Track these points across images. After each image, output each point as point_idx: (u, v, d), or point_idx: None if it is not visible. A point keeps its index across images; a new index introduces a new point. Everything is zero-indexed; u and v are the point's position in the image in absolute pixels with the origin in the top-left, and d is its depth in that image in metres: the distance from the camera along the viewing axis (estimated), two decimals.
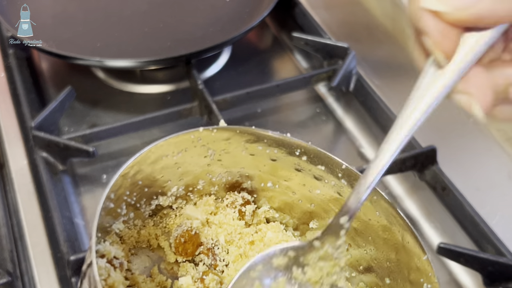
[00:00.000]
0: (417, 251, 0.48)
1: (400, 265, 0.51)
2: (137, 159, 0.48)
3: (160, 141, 0.50)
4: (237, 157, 0.56)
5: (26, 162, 0.75)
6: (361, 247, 0.55)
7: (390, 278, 0.52)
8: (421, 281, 0.47)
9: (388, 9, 1.04)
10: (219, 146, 0.54)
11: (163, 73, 0.90)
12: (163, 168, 0.53)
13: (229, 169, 0.57)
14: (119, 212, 0.52)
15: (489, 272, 0.62)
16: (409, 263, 0.49)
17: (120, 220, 0.52)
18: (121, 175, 0.47)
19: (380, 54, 0.94)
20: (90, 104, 0.87)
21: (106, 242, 0.50)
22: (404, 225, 0.49)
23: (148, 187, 0.53)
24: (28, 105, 0.81)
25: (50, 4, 0.93)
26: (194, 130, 0.51)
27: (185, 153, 0.53)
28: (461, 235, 0.69)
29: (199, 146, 0.53)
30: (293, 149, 0.54)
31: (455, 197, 0.69)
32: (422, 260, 0.47)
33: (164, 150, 0.51)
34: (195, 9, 0.93)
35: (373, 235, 0.53)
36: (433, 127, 0.82)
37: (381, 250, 0.53)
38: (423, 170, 0.73)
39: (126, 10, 0.93)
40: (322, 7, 1.01)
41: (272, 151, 0.54)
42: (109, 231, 0.52)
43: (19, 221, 0.69)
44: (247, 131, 0.53)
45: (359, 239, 0.55)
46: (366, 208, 0.51)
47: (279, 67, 0.95)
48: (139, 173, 0.50)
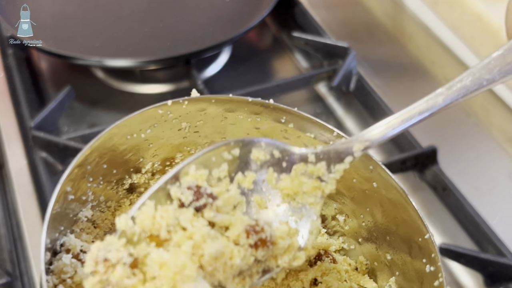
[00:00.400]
0: (419, 228, 0.44)
1: (401, 241, 0.47)
2: (94, 145, 0.45)
3: (121, 121, 0.47)
4: (217, 127, 0.51)
5: (25, 162, 0.75)
6: (359, 218, 0.51)
7: (391, 254, 0.49)
8: (424, 261, 0.44)
9: (388, 8, 1.04)
10: (194, 118, 0.49)
11: (163, 73, 0.90)
12: (132, 147, 0.49)
13: (210, 140, 0.53)
14: (85, 199, 0.48)
15: (490, 273, 0.62)
16: (410, 240, 0.46)
17: (88, 206, 0.49)
18: (76, 165, 0.44)
19: (381, 54, 0.94)
20: (89, 104, 0.87)
21: (71, 235, 0.46)
22: (405, 197, 0.45)
23: (116, 168, 0.49)
24: (28, 105, 0.81)
25: (50, 4, 0.93)
26: (162, 104, 0.47)
27: (155, 129, 0.49)
28: (462, 235, 0.69)
29: (170, 120, 0.49)
30: (278, 116, 0.49)
31: (455, 197, 0.69)
32: (424, 238, 0.44)
33: (128, 129, 0.48)
34: (195, 9, 0.93)
35: (371, 206, 0.49)
36: (434, 127, 0.82)
37: (381, 223, 0.49)
38: (424, 170, 0.73)
39: (126, 10, 0.92)
40: (322, 7, 1.01)
41: (254, 119, 0.50)
42: (76, 220, 0.48)
43: (18, 222, 0.69)
44: (224, 99, 0.48)
45: (357, 210, 0.51)
46: (362, 177, 0.48)
47: (279, 67, 0.95)
48: (101, 158, 0.47)
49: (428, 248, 0.44)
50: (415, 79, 0.90)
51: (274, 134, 0.51)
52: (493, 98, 0.86)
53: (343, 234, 0.54)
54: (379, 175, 0.46)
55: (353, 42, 0.91)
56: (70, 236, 0.46)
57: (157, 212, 0.38)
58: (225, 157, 0.43)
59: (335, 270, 0.50)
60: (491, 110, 0.85)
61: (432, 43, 0.96)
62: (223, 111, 0.49)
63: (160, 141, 0.50)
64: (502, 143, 0.80)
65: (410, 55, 0.95)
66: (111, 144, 0.47)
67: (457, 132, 0.82)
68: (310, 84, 0.86)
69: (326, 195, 0.46)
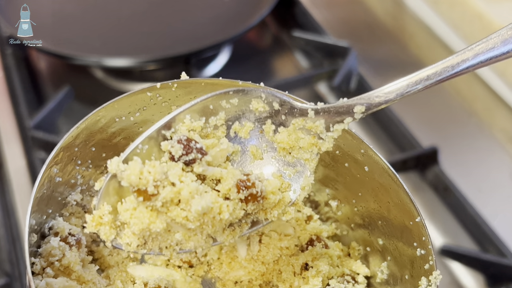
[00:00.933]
0: (410, 211, 0.44)
1: (393, 226, 0.47)
2: (81, 126, 0.44)
3: (108, 103, 0.46)
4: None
5: (24, 162, 0.75)
6: (352, 203, 0.51)
7: (383, 239, 0.49)
8: (415, 245, 0.44)
9: (389, 8, 1.04)
10: (184, 101, 0.47)
11: (162, 73, 0.90)
12: (122, 130, 0.48)
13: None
14: (74, 182, 0.48)
15: (492, 273, 0.62)
16: (402, 224, 0.45)
17: (77, 190, 0.48)
18: (63, 147, 0.43)
19: (381, 53, 0.94)
20: (88, 104, 0.87)
21: (60, 218, 0.46)
22: (396, 181, 0.44)
23: (106, 152, 0.49)
24: (26, 105, 0.81)
25: (49, 4, 0.93)
26: (150, 86, 0.46)
27: (144, 112, 0.47)
28: (463, 236, 0.69)
29: (160, 103, 0.47)
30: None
31: (456, 197, 0.69)
32: (415, 221, 0.43)
33: (116, 112, 0.46)
34: (194, 9, 0.93)
35: (363, 191, 0.49)
36: (435, 127, 0.82)
37: (373, 208, 0.48)
38: (425, 171, 0.73)
39: (125, 10, 0.92)
40: (323, 6, 1.00)
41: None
42: (65, 203, 0.48)
43: (17, 222, 0.69)
44: (214, 83, 0.46)
45: (349, 195, 0.50)
46: (354, 163, 0.47)
47: (279, 67, 0.94)
48: (89, 140, 0.46)
49: (419, 231, 0.43)
50: None
51: None
52: (494, 98, 0.86)
53: (336, 220, 0.54)
54: (371, 158, 0.46)
55: (353, 41, 0.91)
56: (58, 219, 0.46)
57: (144, 167, 0.38)
58: (223, 105, 0.43)
59: (326, 255, 0.50)
60: (492, 110, 0.85)
61: (432, 42, 0.96)
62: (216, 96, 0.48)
63: (149, 124, 0.48)
64: (504, 143, 0.80)
65: (411, 55, 0.94)
66: (99, 126, 0.46)
67: (459, 132, 0.81)
68: (311, 84, 0.86)
69: (319, 180, 0.47)
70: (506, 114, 0.84)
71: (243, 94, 0.43)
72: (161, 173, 0.38)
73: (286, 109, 0.44)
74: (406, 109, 0.82)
